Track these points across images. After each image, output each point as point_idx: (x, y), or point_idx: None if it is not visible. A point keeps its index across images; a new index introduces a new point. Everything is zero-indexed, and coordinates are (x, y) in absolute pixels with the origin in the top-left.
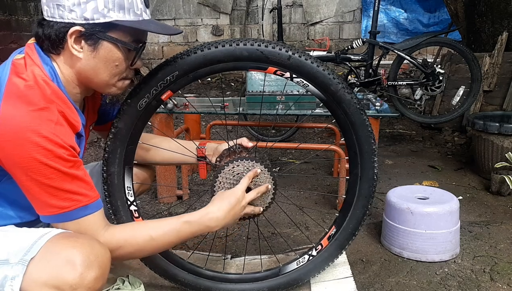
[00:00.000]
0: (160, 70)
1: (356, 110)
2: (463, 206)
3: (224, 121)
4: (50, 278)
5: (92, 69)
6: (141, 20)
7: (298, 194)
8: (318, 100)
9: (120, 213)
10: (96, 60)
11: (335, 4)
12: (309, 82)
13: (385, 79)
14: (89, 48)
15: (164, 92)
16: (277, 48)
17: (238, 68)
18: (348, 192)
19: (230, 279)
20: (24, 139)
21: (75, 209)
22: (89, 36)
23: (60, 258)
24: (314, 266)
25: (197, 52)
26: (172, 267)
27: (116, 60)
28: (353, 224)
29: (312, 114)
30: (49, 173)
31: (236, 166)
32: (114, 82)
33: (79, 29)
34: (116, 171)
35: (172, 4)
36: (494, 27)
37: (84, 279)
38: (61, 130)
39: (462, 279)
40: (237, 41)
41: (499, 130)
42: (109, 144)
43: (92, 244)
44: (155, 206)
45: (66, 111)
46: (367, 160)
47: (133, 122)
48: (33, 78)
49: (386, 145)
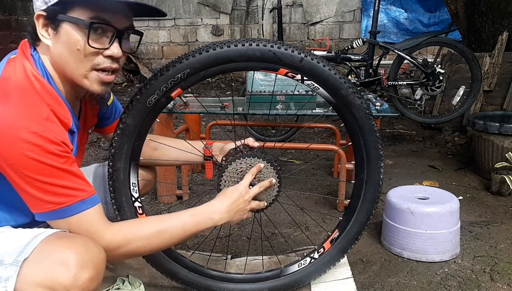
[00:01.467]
0: (171, 68)
1: (366, 116)
2: (463, 206)
3: (232, 121)
4: (43, 279)
5: (60, 57)
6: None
7: (298, 194)
8: (327, 103)
9: (124, 209)
10: (61, 45)
11: (335, 4)
12: (320, 85)
13: (385, 79)
14: (53, 33)
15: (174, 89)
16: (290, 50)
17: (248, 69)
18: (353, 196)
19: (231, 279)
20: (14, 136)
21: (72, 204)
22: (52, 20)
23: (54, 259)
24: (316, 269)
25: (209, 51)
26: (174, 265)
27: (76, 43)
28: (356, 228)
29: (312, 114)
30: (41, 169)
31: (239, 164)
32: (85, 71)
33: (41, 13)
34: (122, 167)
35: (172, 4)
36: (495, 27)
37: (78, 280)
38: (51, 126)
39: (462, 279)
40: (249, 41)
41: (499, 130)
42: (116, 140)
43: (86, 244)
44: (155, 206)
45: (56, 107)
46: (373, 165)
47: (141, 119)
48: (23, 74)
49: (386, 145)
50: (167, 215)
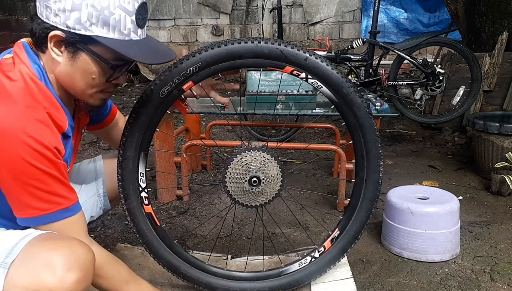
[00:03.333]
0: (185, 61)
1: (366, 114)
2: (463, 206)
3: (238, 121)
4: (30, 282)
5: (69, 76)
6: (126, 40)
7: (298, 193)
8: (330, 102)
9: (131, 198)
10: (74, 69)
11: (335, 4)
12: (323, 84)
13: (385, 79)
14: (68, 55)
15: (186, 82)
16: (296, 48)
17: (256, 65)
18: (353, 195)
19: (231, 277)
20: (12, 138)
21: (56, 211)
22: (69, 44)
23: (39, 262)
24: (316, 268)
25: (221, 46)
26: (177, 260)
27: (93, 74)
28: (356, 227)
29: (312, 114)
30: (33, 173)
31: (244, 156)
32: (92, 93)
33: (59, 34)
34: (131, 156)
35: (172, 4)
36: (494, 27)
37: (64, 282)
38: (46, 131)
39: (462, 279)
40: (258, 39)
41: (499, 130)
42: (128, 129)
43: (72, 245)
44: (154, 205)
45: (52, 111)
46: (373, 163)
47: (153, 109)
48: (20, 77)
49: (386, 145)
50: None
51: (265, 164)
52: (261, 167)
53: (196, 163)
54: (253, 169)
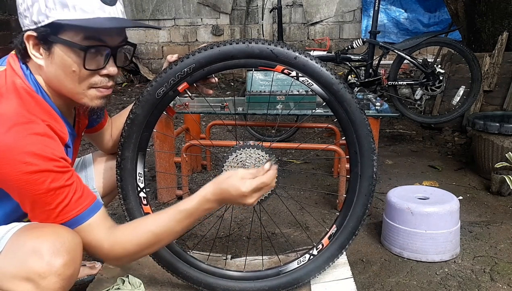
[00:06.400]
0: (179, 62)
1: (356, 109)
2: (463, 206)
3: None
4: (18, 270)
5: (55, 77)
6: (92, 18)
7: (298, 193)
8: (321, 99)
9: (130, 198)
10: (55, 67)
11: (335, 4)
12: (313, 81)
13: (385, 79)
14: (45, 54)
15: (180, 83)
16: (285, 48)
17: (248, 65)
18: (348, 191)
19: (230, 276)
20: (11, 158)
21: (69, 220)
22: (44, 41)
23: (26, 249)
24: (315, 266)
25: (213, 48)
26: (176, 260)
27: (72, 65)
28: (353, 223)
29: (312, 114)
30: (38, 188)
31: (239, 154)
32: (83, 90)
33: (30, 34)
34: (130, 156)
35: (172, 4)
36: (495, 27)
37: (52, 266)
38: (50, 142)
39: (462, 279)
40: (249, 40)
41: (499, 130)
42: (126, 129)
43: (57, 231)
44: (154, 205)
45: (52, 123)
46: (367, 158)
47: (150, 110)
48: (14, 91)
49: (386, 145)
50: (161, 214)
51: (260, 161)
52: (256, 164)
53: (196, 163)
54: (248, 165)
